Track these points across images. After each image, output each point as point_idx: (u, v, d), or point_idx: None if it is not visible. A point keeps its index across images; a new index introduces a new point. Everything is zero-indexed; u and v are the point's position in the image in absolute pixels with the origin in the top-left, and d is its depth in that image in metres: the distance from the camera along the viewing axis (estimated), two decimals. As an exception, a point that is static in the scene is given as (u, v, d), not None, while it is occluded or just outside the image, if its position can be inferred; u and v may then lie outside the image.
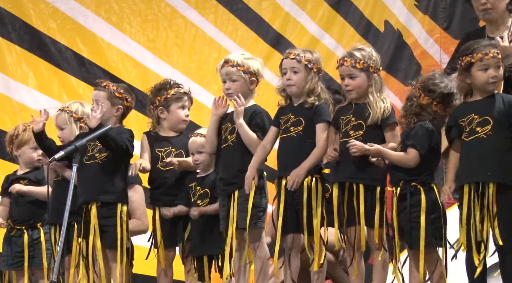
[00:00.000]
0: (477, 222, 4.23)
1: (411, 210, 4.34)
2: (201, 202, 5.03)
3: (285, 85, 4.65)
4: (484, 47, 4.33)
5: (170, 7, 6.92)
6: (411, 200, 4.35)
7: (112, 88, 5.15)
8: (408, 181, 4.37)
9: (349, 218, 4.47)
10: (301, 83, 4.61)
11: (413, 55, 6.74)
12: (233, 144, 4.76)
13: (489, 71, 4.32)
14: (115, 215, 5.00)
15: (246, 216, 4.63)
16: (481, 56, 4.32)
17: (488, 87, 4.34)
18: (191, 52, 6.94)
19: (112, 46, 6.89)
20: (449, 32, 6.66)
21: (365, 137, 4.47)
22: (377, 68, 4.54)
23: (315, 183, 4.55)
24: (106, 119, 5.10)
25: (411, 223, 4.33)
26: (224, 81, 4.82)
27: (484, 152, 4.25)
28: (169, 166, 5.14)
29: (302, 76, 4.62)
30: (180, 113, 5.22)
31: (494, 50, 4.33)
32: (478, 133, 4.28)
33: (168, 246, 5.15)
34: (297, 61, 4.61)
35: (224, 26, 6.92)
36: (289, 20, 6.88)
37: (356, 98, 4.56)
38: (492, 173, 4.24)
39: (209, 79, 6.66)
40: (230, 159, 4.75)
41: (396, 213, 4.39)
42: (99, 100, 5.11)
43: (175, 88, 5.25)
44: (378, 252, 4.45)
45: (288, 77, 4.63)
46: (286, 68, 4.64)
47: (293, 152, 4.59)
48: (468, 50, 4.38)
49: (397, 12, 6.75)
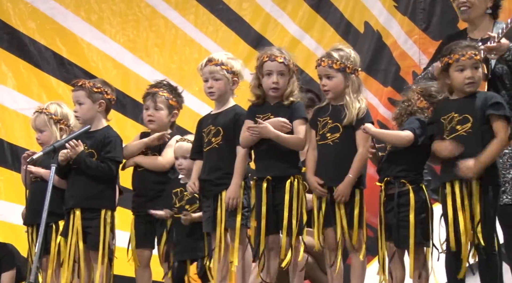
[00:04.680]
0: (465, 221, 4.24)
1: (399, 209, 4.36)
2: (189, 207, 5.03)
3: (270, 88, 4.63)
4: (462, 48, 4.36)
5: (151, 8, 6.92)
6: (400, 199, 4.37)
7: (88, 85, 5.13)
8: (397, 178, 4.39)
9: (328, 220, 4.48)
10: (285, 86, 4.63)
11: (392, 56, 6.76)
12: (218, 146, 4.74)
13: (465, 72, 4.34)
14: (98, 217, 5.00)
15: (235, 216, 4.63)
16: (458, 57, 4.35)
17: (464, 88, 4.37)
18: (172, 53, 6.93)
19: (92, 46, 6.88)
20: (428, 33, 6.69)
21: (341, 139, 4.49)
22: (355, 69, 4.55)
23: (296, 184, 4.56)
24: (91, 118, 5.09)
25: (400, 222, 4.35)
26: (206, 80, 4.82)
27: (465, 150, 4.26)
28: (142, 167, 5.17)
29: (287, 79, 4.63)
30: (144, 114, 5.26)
31: (472, 51, 4.35)
32: (458, 131, 4.31)
33: (142, 246, 5.16)
34: (285, 65, 4.62)
35: (205, 26, 6.92)
36: (270, 21, 6.90)
37: (333, 98, 4.57)
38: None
39: (190, 79, 6.65)
40: (216, 161, 4.74)
41: (384, 212, 4.40)
42: (79, 100, 5.10)
43: (148, 89, 5.25)
44: (356, 253, 4.47)
45: (275, 80, 4.62)
46: (272, 71, 4.63)
47: (276, 152, 4.58)
48: (447, 51, 4.41)
49: (376, 13, 6.78)
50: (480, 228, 4.23)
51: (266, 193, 4.57)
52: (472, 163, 4.21)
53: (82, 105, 5.10)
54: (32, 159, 4.66)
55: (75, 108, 5.12)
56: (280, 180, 4.57)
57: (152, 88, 5.29)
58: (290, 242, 4.53)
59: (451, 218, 4.27)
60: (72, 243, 4.98)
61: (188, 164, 5.00)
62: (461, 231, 4.23)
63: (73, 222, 4.99)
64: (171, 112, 5.26)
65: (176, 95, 5.30)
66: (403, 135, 4.37)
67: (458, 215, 4.25)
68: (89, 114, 5.07)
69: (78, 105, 5.09)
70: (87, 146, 5.02)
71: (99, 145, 5.04)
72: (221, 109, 4.82)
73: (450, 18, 6.59)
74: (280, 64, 4.62)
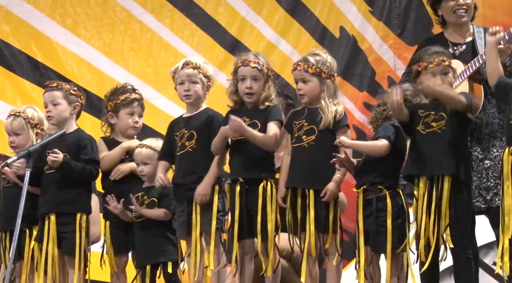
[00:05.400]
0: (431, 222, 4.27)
1: (378, 214, 4.38)
2: None
3: (244, 93, 4.64)
4: (430, 55, 4.40)
5: (126, 12, 6.89)
6: (378, 204, 4.39)
7: (66, 86, 5.10)
8: (374, 184, 4.41)
9: (302, 224, 4.49)
10: (260, 91, 4.63)
11: (367, 60, 6.79)
12: (192, 150, 4.74)
13: (435, 78, 4.38)
14: (74, 221, 4.96)
15: (210, 220, 4.63)
16: (426, 64, 4.39)
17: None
18: (147, 57, 6.91)
19: (67, 50, 6.83)
20: (402, 38, 6.73)
21: (317, 141, 4.50)
22: (331, 74, 4.57)
23: (269, 188, 4.57)
24: (65, 120, 5.06)
25: (379, 227, 4.37)
26: (182, 82, 4.81)
27: (439, 146, 4.30)
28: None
29: (262, 84, 4.63)
30: (127, 119, 5.20)
31: (441, 57, 4.38)
32: (433, 128, 4.33)
33: (120, 252, 5.14)
34: (258, 70, 4.63)
35: (181, 30, 6.91)
36: (246, 25, 6.90)
37: (308, 102, 4.58)
38: (447, 165, 4.30)
39: (165, 83, 6.63)
40: (191, 165, 4.73)
41: (362, 217, 4.41)
42: (55, 100, 5.06)
43: (126, 93, 5.23)
44: (331, 257, 4.47)
45: (248, 85, 4.63)
46: (245, 76, 4.63)
47: (248, 155, 4.59)
48: (416, 58, 4.46)
49: (352, 18, 6.81)
50: (450, 230, 4.24)
51: (239, 197, 4.56)
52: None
53: (58, 106, 5.06)
54: (6, 164, 4.62)
55: (49, 108, 5.07)
56: (253, 183, 4.58)
57: (133, 93, 5.25)
58: (265, 247, 4.53)
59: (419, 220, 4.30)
60: (48, 248, 4.95)
61: (150, 170, 5.00)
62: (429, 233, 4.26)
63: (48, 228, 4.95)
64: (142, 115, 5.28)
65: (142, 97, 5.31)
66: (380, 145, 4.39)
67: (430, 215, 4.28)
68: (64, 115, 5.04)
69: (53, 106, 5.05)
70: (60, 150, 4.99)
71: (73, 149, 5.00)
72: (193, 113, 4.82)
73: (424, 23, 6.63)
74: (253, 69, 4.62)
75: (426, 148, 4.35)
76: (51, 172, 5.00)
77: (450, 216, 4.27)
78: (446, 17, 4.96)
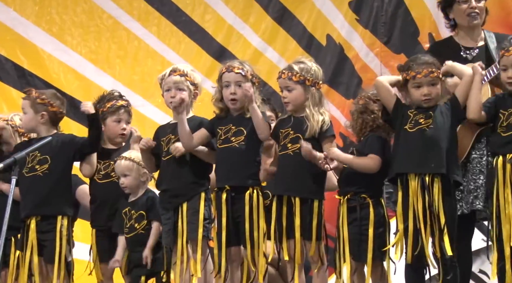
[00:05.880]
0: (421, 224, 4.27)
1: (361, 222, 4.38)
2: (138, 225, 4.99)
3: (228, 99, 4.65)
4: (419, 65, 4.39)
5: (113, 19, 6.88)
6: (361, 213, 4.39)
7: (34, 95, 5.08)
8: (358, 193, 4.41)
9: (288, 231, 4.49)
10: (244, 98, 4.63)
11: (354, 68, 6.81)
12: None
13: (422, 89, 4.40)
14: (54, 229, 4.94)
15: (197, 228, 4.62)
16: (414, 74, 4.39)
17: (422, 104, 4.42)
18: (134, 64, 6.90)
19: (53, 57, 6.82)
20: (389, 46, 6.75)
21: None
22: (315, 82, 4.57)
23: (256, 195, 4.56)
24: (32, 128, 5.06)
25: (361, 236, 4.38)
26: (169, 89, 4.81)
27: (427, 144, 4.31)
28: (105, 179, 5.12)
29: None
30: (115, 127, 5.19)
31: (429, 68, 4.38)
32: (421, 125, 4.35)
33: (106, 260, 5.10)
34: (242, 75, 4.63)
35: (167, 38, 6.91)
36: (233, 33, 6.90)
37: (293, 110, 4.59)
38: (435, 165, 4.30)
39: (152, 91, 6.63)
40: (177, 171, 4.73)
41: (346, 224, 4.41)
42: (24, 109, 5.08)
43: (112, 100, 5.22)
44: (316, 265, 4.47)
45: (232, 91, 4.63)
46: (229, 82, 4.64)
47: (236, 162, 4.58)
48: (405, 66, 4.46)
49: (338, 26, 6.82)
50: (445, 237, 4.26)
51: (226, 204, 4.56)
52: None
53: (25, 115, 5.07)
54: (-9, 172, 4.60)
55: (21, 116, 5.11)
56: (240, 191, 4.58)
57: (119, 100, 5.24)
58: (252, 254, 4.53)
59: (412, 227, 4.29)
60: (27, 256, 4.93)
61: (130, 181, 5.00)
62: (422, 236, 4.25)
63: (29, 234, 4.93)
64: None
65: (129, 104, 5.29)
66: (371, 163, 4.39)
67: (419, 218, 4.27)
68: (30, 124, 5.05)
69: (24, 114, 5.08)
70: (40, 153, 4.97)
71: (54, 149, 5.00)
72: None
73: (411, 32, 6.67)
74: (237, 75, 4.63)
75: (411, 146, 4.35)
76: (31, 175, 4.98)
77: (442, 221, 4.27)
78: (458, 20, 4.94)
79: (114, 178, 5.12)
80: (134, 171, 4.98)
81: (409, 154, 4.34)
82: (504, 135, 4.30)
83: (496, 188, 4.27)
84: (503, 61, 4.35)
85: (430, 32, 6.69)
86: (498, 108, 4.36)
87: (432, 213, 4.27)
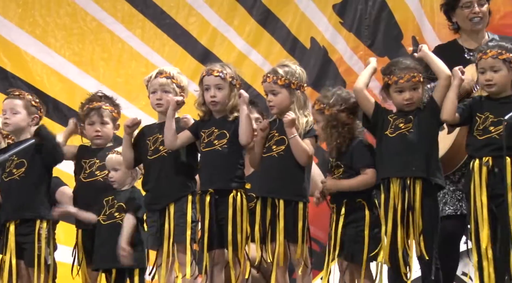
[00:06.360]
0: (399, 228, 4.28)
1: (357, 224, 4.40)
2: (118, 214, 4.98)
3: (208, 102, 4.66)
4: (401, 70, 4.40)
5: (96, 21, 6.86)
6: (357, 214, 4.40)
7: (28, 96, 5.09)
8: (353, 198, 4.42)
9: (272, 234, 4.49)
10: (225, 100, 4.63)
11: (338, 71, 6.82)
12: (167, 154, 4.74)
13: (404, 94, 4.41)
14: (33, 232, 4.93)
15: (184, 230, 4.62)
16: (396, 79, 4.41)
17: (404, 108, 4.44)
18: (118, 67, 6.89)
19: (37, 59, 6.79)
20: (373, 49, 6.77)
21: (287, 151, 4.50)
22: (300, 85, 4.58)
23: (239, 198, 4.56)
24: (21, 129, 5.04)
25: (357, 237, 4.38)
26: (155, 91, 4.81)
27: (408, 148, 4.33)
28: (90, 177, 5.11)
29: (227, 93, 4.64)
30: (89, 130, 5.18)
31: (411, 73, 4.38)
32: (401, 129, 4.36)
33: (91, 262, 5.07)
34: (221, 78, 4.63)
35: (152, 41, 6.90)
36: (217, 36, 6.91)
37: (278, 113, 4.59)
38: (416, 168, 4.32)
39: (136, 93, 6.62)
40: (163, 171, 4.73)
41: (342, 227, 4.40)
42: (15, 109, 5.04)
43: (87, 104, 5.20)
44: (300, 267, 4.47)
45: (212, 94, 4.64)
46: (209, 85, 4.65)
47: (219, 165, 4.59)
48: (387, 70, 4.47)
49: (323, 29, 6.84)
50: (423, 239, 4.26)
51: (209, 207, 4.56)
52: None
53: (17, 115, 5.05)
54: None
55: (7, 115, 5.06)
56: (223, 194, 4.58)
57: (93, 102, 5.24)
58: (236, 257, 4.52)
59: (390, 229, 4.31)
60: (7, 259, 4.91)
61: (119, 175, 4.99)
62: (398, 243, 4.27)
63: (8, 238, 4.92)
64: (115, 125, 5.24)
65: (116, 106, 5.29)
66: (369, 180, 4.39)
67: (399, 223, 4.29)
68: (21, 124, 5.04)
69: (12, 114, 5.04)
70: (17, 157, 4.95)
71: (30, 153, 4.98)
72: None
73: (394, 35, 6.69)
74: (216, 78, 4.64)
75: (393, 150, 4.36)
76: (9, 179, 4.97)
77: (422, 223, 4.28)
78: (461, 24, 4.96)
79: (99, 177, 5.11)
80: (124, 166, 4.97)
81: (390, 159, 4.35)
82: (480, 138, 4.32)
83: (473, 191, 4.29)
84: (480, 63, 4.36)
85: (414, 35, 6.72)
86: (474, 112, 4.37)
87: (412, 215, 4.28)
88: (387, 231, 4.30)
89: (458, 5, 4.91)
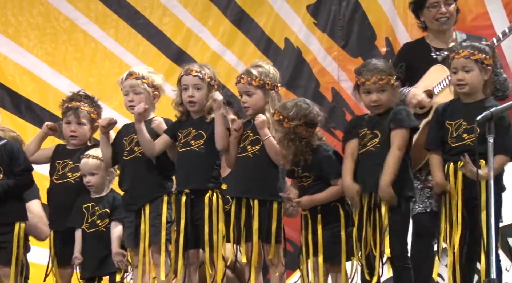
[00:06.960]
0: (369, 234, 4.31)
1: (332, 225, 4.41)
2: (100, 222, 4.96)
3: (186, 102, 4.65)
4: (368, 71, 4.40)
5: (70, 21, 6.83)
6: (332, 216, 4.41)
7: None
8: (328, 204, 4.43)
9: (247, 234, 4.49)
10: (203, 101, 4.63)
11: (312, 72, 6.84)
12: (142, 155, 4.73)
13: (371, 95, 4.41)
14: (12, 231, 4.91)
15: (159, 231, 4.61)
16: (364, 81, 4.42)
17: (371, 110, 4.46)
18: (91, 67, 6.86)
19: (9, 59, 6.74)
20: (346, 50, 6.80)
21: (261, 151, 4.52)
22: (274, 85, 4.60)
23: (215, 198, 4.56)
24: None
25: (334, 238, 4.40)
26: (127, 93, 4.80)
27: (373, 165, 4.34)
28: (61, 179, 5.08)
29: (205, 93, 4.64)
30: (65, 129, 5.16)
31: (378, 75, 4.38)
32: (367, 147, 4.38)
33: (64, 264, 5.06)
34: (200, 78, 4.63)
35: (125, 41, 6.88)
36: (191, 36, 6.90)
37: (253, 114, 4.60)
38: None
39: (110, 94, 6.59)
40: (139, 171, 4.73)
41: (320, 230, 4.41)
42: None
43: (66, 103, 5.17)
44: (274, 267, 4.48)
45: (190, 94, 4.64)
46: (187, 85, 4.65)
47: (196, 166, 4.59)
48: (358, 71, 4.48)
49: (296, 30, 6.86)
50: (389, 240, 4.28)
51: (185, 207, 4.55)
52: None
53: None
54: None
55: None
56: (199, 194, 4.58)
57: (72, 101, 5.21)
58: (211, 257, 4.52)
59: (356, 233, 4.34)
60: None
61: (97, 180, 4.97)
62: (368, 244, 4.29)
63: None
64: (93, 126, 5.21)
65: (96, 107, 5.26)
66: (340, 191, 4.39)
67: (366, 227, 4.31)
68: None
69: None
70: None
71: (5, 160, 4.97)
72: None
73: (368, 36, 6.72)
74: (194, 78, 4.64)
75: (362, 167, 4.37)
76: None
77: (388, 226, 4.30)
78: (428, 24, 4.98)
79: (70, 179, 5.08)
80: (102, 170, 4.96)
81: (361, 176, 4.37)
82: (454, 145, 4.32)
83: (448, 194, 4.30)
84: (453, 63, 4.37)
85: (387, 36, 6.75)
86: (445, 119, 4.36)
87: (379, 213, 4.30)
88: (354, 231, 4.34)
89: (425, 5, 4.94)
